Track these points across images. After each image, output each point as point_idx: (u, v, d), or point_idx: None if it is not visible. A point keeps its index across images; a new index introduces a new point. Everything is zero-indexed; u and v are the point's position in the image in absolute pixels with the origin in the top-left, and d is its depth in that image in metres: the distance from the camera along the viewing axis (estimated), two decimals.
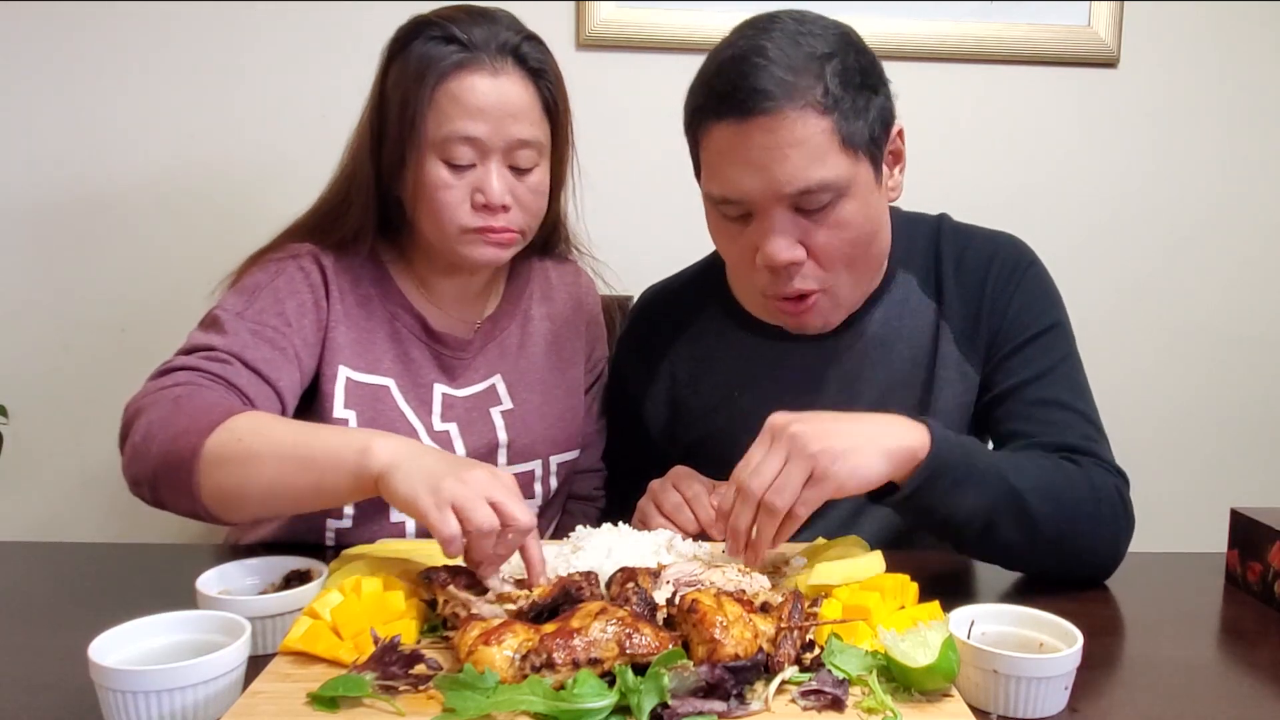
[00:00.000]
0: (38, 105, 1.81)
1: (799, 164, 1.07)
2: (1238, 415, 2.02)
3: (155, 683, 0.75)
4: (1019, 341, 1.22)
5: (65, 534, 1.90)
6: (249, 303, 1.20)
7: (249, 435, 1.02)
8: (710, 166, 1.14)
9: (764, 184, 1.09)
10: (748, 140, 1.08)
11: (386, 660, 0.81)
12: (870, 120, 1.11)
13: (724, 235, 1.18)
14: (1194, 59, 1.92)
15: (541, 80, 1.22)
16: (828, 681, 0.79)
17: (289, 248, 1.26)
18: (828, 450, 0.95)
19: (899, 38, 1.85)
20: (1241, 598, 1.11)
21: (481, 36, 1.18)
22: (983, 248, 1.27)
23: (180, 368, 1.13)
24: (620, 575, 0.93)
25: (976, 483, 1.03)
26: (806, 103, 1.06)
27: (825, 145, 1.08)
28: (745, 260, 1.16)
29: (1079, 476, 1.10)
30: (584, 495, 1.47)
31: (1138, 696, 0.87)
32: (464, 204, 1.20)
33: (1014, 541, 1.07)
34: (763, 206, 1.11)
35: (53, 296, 1.86)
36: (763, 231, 1.12)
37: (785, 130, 1.06)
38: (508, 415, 1.33)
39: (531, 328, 1.39)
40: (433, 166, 1.18)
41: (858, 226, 1.13)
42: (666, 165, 1.50)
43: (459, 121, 1.17)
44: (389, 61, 1.22)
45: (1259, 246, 1.98)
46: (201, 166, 1.84)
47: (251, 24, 1.82)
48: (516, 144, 1.19)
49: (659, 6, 1.83)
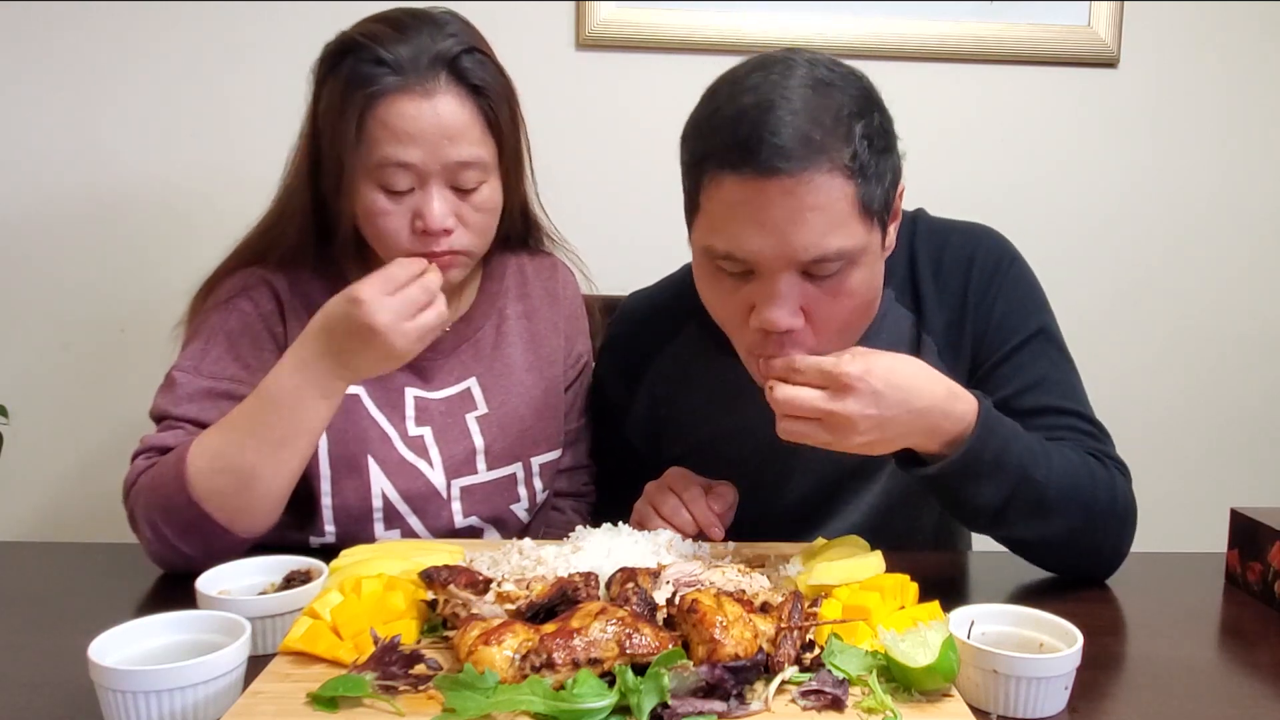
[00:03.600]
0: (37, 105, 1.81)
1: (818, 230, 0.98)
2: (1237, 415, 2.02)
3: (155, 683, 0.75)
4: (1007, 350, 1.19)
5: (65, 534, 1.90)
6: (204, 352, 1.21)
7: (213, 456, 1.08)
8: (714, 219, 1.03)
9: (777, 247, 0.99)
10: (764, 199, 0.98)
11: (386, 660, 0.81)
12: (886, 185, 1.04)
13: (716, 290, 1.08)
14: (1194, 59, 1.92)
15: (481, 96, 1.15)
16: (828, 681, 0.79)
17: (237, 278, 1.25)
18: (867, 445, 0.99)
19: (899, 38, 1.85)
20: (1241, 598, 1.11)
21: (409, 54, 1.11)
22: (960, 247, 1.22)
23: (145, 449, 1.17)
24: (620, 575, 0.93)
25: (1003, 476, 1.03)
26: (834, 166, 0.98)
27: (846, 212, 0.99)
28: (738, 317, 1.07)
29: (1105, 481, 1.10)
30: (573, 492, 1.45)
31: (1138, 696, 0.87)
32: (404, 230, 1.15)
33: (1024, 533, 1.08)
34: (769, 270, 1.01)
35: (53, 296, 1.86)
36: (765, 295, 1.02)
37: (809, 194, 0.97)
38: (483, 420, 1.30)
39: (507, 327, 1.35)
40: (369, 193, 1.14)
41: (861, 295, 1.06)
42: (666, 165, 1.49)
43: (390, 148, 1.11)
44: (320, 83, 1.18)
45: (1258, 246, 1.98)
46: (201, 166, 1.84)
47: (251, 24, 1.81)
48: (456, 166, 1.14)
49: (659, 6, 1.82)
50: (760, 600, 0.90)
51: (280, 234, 1.24)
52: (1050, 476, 1.05)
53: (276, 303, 1.24)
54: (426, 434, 1.27)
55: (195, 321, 1.26)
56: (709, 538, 1.13)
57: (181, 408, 1.18)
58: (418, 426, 1.27)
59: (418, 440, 1.27)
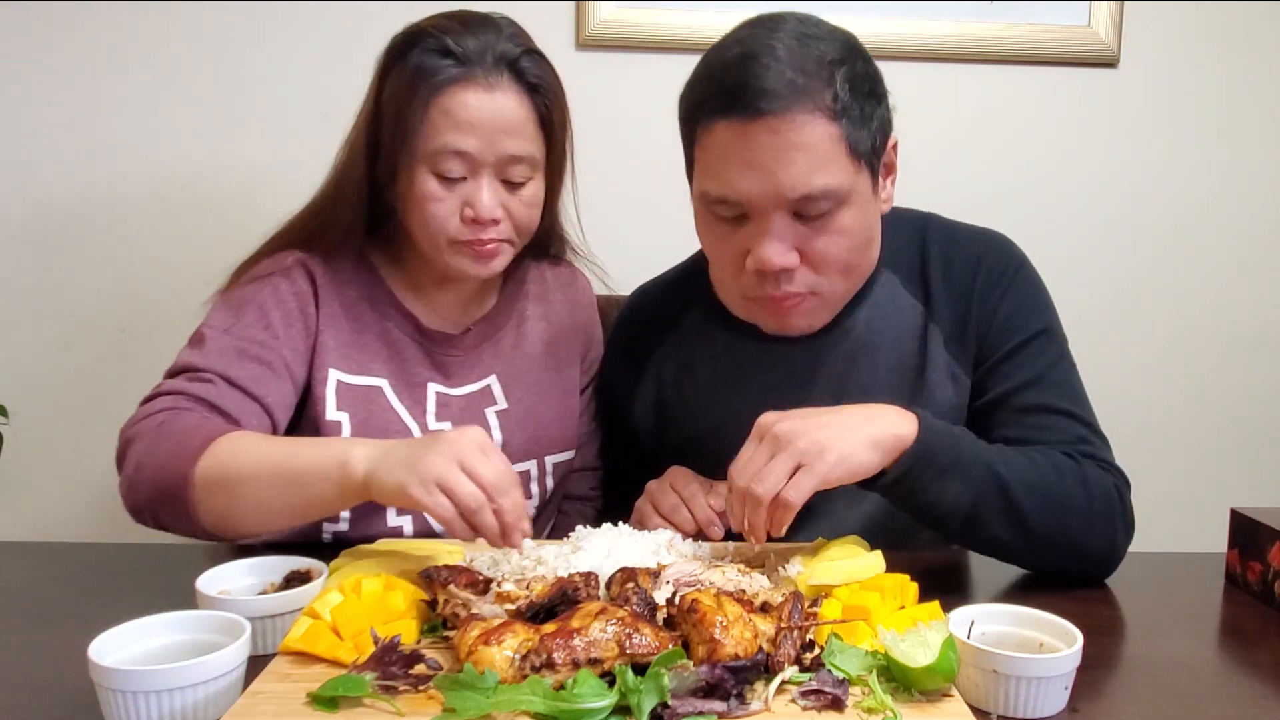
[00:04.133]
0: (37, 105, 1.81)
1: (804, 169, 1.05)
2: (1237, 415, 2.02)
3: (155, 683, 0.75)
4: (1009, 348, 1.20)
5: (65, 534, 1.90)
6: (235, 318, 1.21)
7: (232, 459, 1.04)
8: (708, 165, 1.11)
9: (766, 187, 1.06)
10: (752, 140, 1.05)
11: (386, 660, 0.81)
12: (873, 130, 1.09)
13: (713, 235, 1.16)
14: (1194, 59, 1.92)
15: (538, 95, 1.21)
16: (828, 681, 0.79)
17: (276, 259, 1.26)
18: (813, 443, 0.97)
19: (899, 38, 1.85)
20: (1241, 598, 1.11)
21: (476, 48, 1.17)
22: (970, 248, 1.25)
23: (165, 392, 1.14)
24: (620, 575, 0.93)
25: (962, 473, 1.03)
26: (816, 107, 1.04)
27: (831, 151, 1.06)
28: (734, 262, 1.14)
29: (1071, 472, 1.10)
30: (580, 495, 1.47)
31: (1138, 696, 0.87)
32: (453, 217, 1.20)
33: (1001, 534, 1.07)
34: (761, 210, 1.08)
35: (53, 296, 1.86)
36: (758, 235, 1.09)
37: (793, 133, 1.04)
38: (503, 415, 1.33)
39: (527, 328, 1.39)
40: (424, 179, 1.18)
41: (854, 235, 1.12)
42: (665, 165, 1.49)
43: (450, 135, 1.16)
44: (385, 71, 1.22)
45: (1258, 246, 1.98)
46: (201, 167, 1.84)
47: (251, 25, 1.81)
48: (508, 159, 1.19)
49: (659, 6, 1.83)
50: (760, 600, 0.90)
51: (331, 217, 1.25)
52: (1012, 473, 1.05)
53: (311, 285, 1.25)
54: (447, 428, 1.29)
55: (228, 293, 1.26)
56: (708, 537, 1.13)
57: (210, 360, 1.17)
58: (438, 421, 1.29)
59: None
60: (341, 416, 1.23)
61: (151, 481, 1.06)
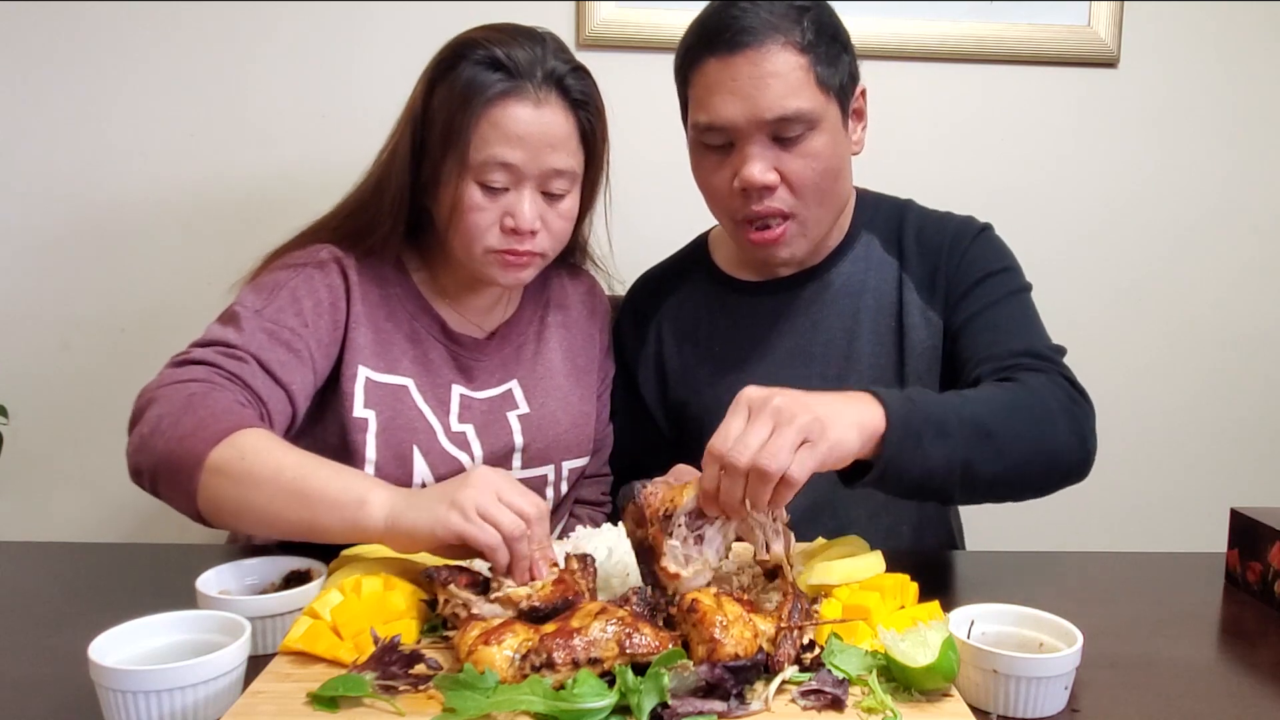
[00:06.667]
0: (38, 106, 1.81)
1: (778, 93, 1.20)
2: (1237, 415, 2.02)
3: (155, 683, 0.75)
4: (971, 282, 1.31)
5: (65, 534, 1.90)
6: (267, 301, 1.20)
7: (252, 456, 1.01)
8: (699, 99, 1.26)
9: (746, 110, 1.21)
10: (734, 71, 1.21)
11: (386, 660, 0.81)
12: (840, 70, 1.25)
13: (706, 167, 1.29)
14: (1194, 59, 1.92)
15: (583, 111, 1.24)
16: (828, 681, 0.80)
17: (310, 250, 1.26)
18: (815, 420, 0.92)
19: (899, 38, 1.85)
20: (1241, 598, 1.11)
21: (526, 61, 1.20)
22: (943, 221, 1.39)
23: (199, 361, 1.12)
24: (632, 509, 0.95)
25: (938, 430, 1.01)
26: (787, 40, 1.21)
27: (802, 80, 1.21)
28: (724, 187, 1.27)
29: (1016, 388, 1.14)
30: (591, 500, 1.48)
31: (1138, 696, 0.87)
32: (494, 227, 1.21)
33: (994, 470, 1.05)
34: (744, 133, 1.22)
35: (53, 296, 1.86)
36: (742, 157, 1.23)
37: (768, 63, 1.20)
38: (524, 419, 1.34)
39: (548, 334, 1.41)
40: (468, 188, 1.20)
41: (826, 159, 1.25)
42: (666, 165, 1.50)
43: (498, 148, 1.18)
44: (433, 80, 1.22)
45: (1259, 246, 1.98)
46: (201, 167, 1.84)
47: (252, 26, 1.81)
48: (551, 173, 1.22)
49: (659, 6, 1.83)
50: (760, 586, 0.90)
51: (371, 221, 1.25)
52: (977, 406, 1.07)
53: (344, 281, 1.25)
54: (469, 430, 1.30)
55: (259, 278, 1.25)
56: None
57: (245, 339, 1.16)
58: (460, 423, 1.30)
59: (460, 435, 1.29)
60: (369, 414, 1.23)
61: (164, 449, 1.04)
